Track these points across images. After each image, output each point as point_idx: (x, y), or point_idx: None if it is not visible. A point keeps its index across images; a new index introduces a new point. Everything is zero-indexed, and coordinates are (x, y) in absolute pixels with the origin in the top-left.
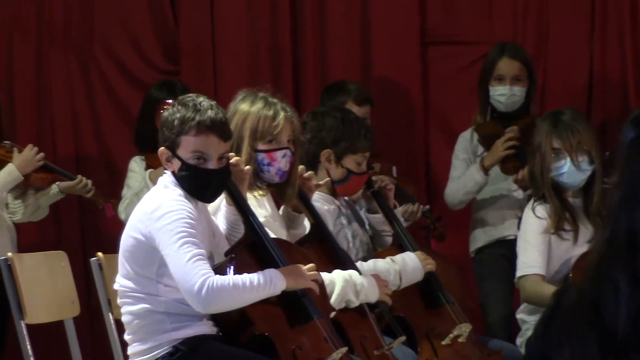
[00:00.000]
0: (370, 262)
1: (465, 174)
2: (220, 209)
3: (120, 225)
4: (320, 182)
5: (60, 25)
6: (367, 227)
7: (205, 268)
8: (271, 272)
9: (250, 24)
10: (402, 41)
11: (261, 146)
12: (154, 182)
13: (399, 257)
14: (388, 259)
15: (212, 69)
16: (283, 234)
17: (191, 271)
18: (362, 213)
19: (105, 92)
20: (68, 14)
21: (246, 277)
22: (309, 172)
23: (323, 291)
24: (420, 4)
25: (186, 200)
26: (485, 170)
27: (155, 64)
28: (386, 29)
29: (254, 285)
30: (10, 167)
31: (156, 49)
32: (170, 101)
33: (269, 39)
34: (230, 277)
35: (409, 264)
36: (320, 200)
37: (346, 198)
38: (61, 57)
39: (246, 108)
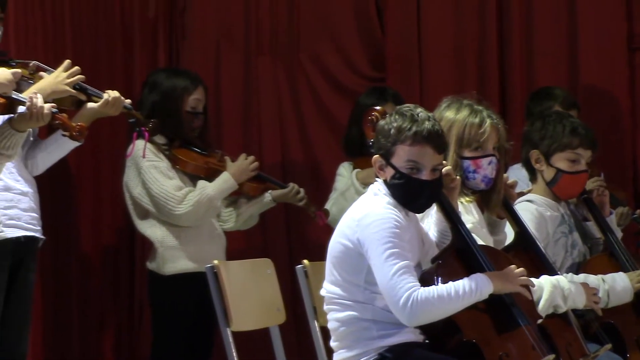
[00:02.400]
0: (581, 275)
1: None
2: (429, 215)
3: (327, 233)
4: (523, 190)
5: (268, 33)
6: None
7: (410, 281)
8: (477, 277)
9: (457, 30)
10: (609, 47)
11: (467, 153)
12: (360, 182)
13: (609, 277)
14: (599, 276)
15: (418, 76)
16: (490, 241)
17: (397, 285)
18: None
19: (311, 99)
20: (275, 22)
21: (451, 287)
22: (512, 180)
23: (530, 297)
24: (627, 10)
25: (395, 209)
26: None
27: (362, 71)
28: (593, 35)
29: (460, 294)
30: (226, 176)
31: (362, 56)
32: (377, 107)
33: (475, 46)
34: (435, 289)
35: (618, 284)
36: (543, 206)
37: (572, 207)
38: (268, 66)
39: (452, 115)
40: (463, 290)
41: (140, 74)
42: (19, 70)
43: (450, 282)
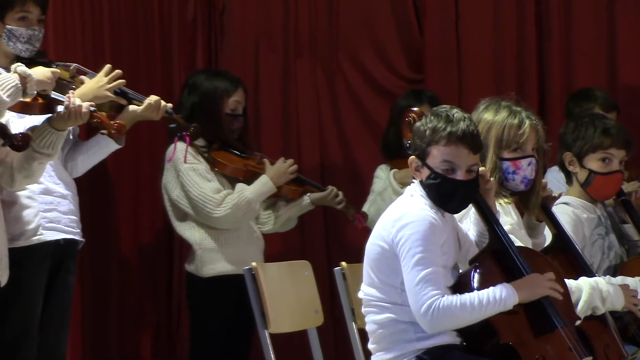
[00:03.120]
0: (619, 278)
1: None
2: (468, 216)
3: (365, 235)
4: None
5: (306, 35)
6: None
7: (434, 289)
8: (503, 287)
9: (495, 32)
10: None
11: (506, 154)
12: (398, 181)
13: None
14: (637, 278)
15: (457, 78)
16: (528, 243)
17: (420, 291)
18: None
19: (350, 101)
20: (314, 24)
21: (474, 297)
22: (543, 181)
23: (568, 299)
24: None
25: (431, 210)
26: None
27: (400, 73)
28: (632, 36)
29: (483, 304)
30: (264, 179)
31: (401, 57)
32: (415, 109)
33: (514, 47)
34: (458, 298)
35: None
36: (579, 208)
37: (609, 209)
38: (307, 67)
39: (490, 117)
40: (487, 301)
41: (179, 76)
42: (57, 70)
43: (475, 292)
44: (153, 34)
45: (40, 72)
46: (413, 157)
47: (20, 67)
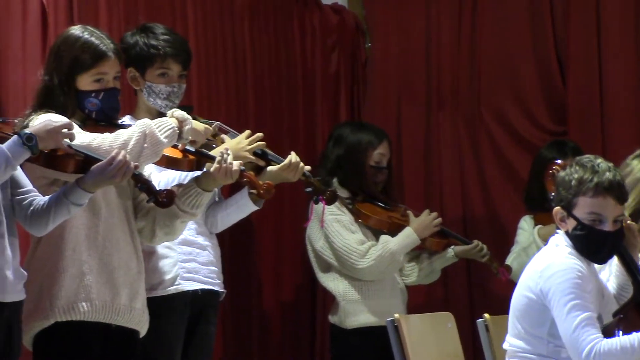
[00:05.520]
0: None
1: None
2: (603, 269)
3: (508, 286)
4: None
5: (449, 87)
6: None
7: (593, 333)
8: None
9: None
10: None
11: None
12: (542, 239)
13: None
14: None
15: (600, 130)
16: None
17: (579, 337)
18: None
19: (492, 153)
20: (456, 77)
21: (634, 338)
22: None
23: None
24: None
25: (577, 260)
26: None
27: (543, 125)
28: None
29: None
30: (408, 231)
31: (543, 109)
32: (559, 161)
33: None
34: (618, 340)
35: None
36: None
37: None
38: (449, 120)
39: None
40: None
41: (322, 129)
42: (209, 127)
43: (634, 333)
44: (296, 87)
45: (194, 123)
46: (558, 207)
47: (177, 112)
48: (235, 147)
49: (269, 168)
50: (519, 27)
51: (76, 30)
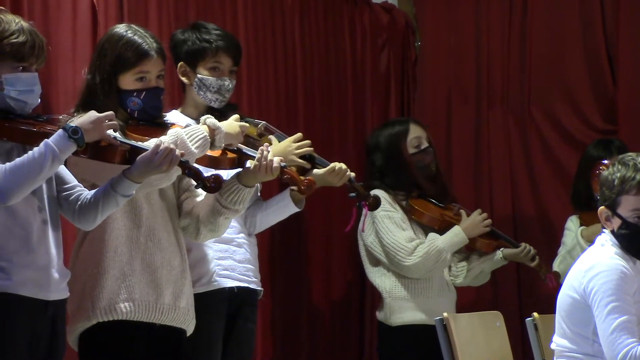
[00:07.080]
0: None
1: None
2: None
3: (556, 287)
4: None
5: (499, 86)
6: None
7: (629, 338)
8: None
9: None
10: None
11: None
12: (585, 240)
13: None
14: None
15: None
16: None
17: (616, 340)
18: None
19: (542, 152)
20: (506, 76)
21: None
22: None
23: None
24: None
25: (622, 259)
26: None
27: (593, 124)
28: None
29: None
30: (457, 229)
31: (594, 108)
32: (605, 161)
33: None
34: None
35: None
36: None
37: None
38: (499, 119)
39: None
40: None
41: (372, 127)
42: (246, 124)
43: None
44: (346, 86)
45: (228, 126)
46: (603, 207)
47: (210, 119)
48: (284, 151)
49: (315, 171)
50: (569, 25)
51: (120, 28)
